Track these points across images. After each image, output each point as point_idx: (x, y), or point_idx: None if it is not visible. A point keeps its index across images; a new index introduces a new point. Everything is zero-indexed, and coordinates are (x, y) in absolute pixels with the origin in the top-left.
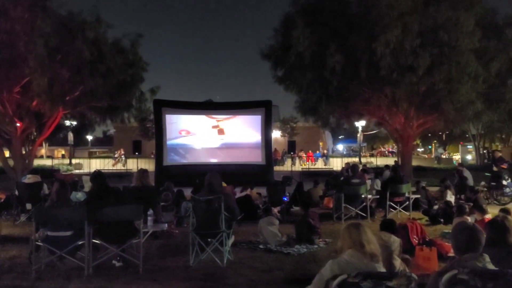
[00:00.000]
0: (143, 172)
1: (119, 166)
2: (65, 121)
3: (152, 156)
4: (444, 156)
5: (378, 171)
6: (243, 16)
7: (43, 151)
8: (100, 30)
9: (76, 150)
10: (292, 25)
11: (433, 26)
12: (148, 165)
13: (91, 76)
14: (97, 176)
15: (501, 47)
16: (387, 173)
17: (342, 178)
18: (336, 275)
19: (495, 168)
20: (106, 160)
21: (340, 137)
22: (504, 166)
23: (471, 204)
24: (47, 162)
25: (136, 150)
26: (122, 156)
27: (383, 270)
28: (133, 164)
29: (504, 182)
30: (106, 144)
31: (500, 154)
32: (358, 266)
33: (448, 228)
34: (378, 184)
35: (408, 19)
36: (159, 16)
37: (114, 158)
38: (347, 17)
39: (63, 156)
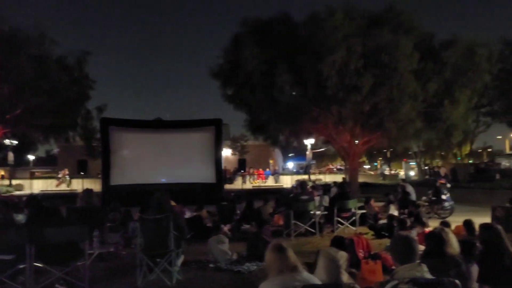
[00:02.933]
0: (88, 192)
1: (63, 187)
2: (5, 140)
3: (99, 176)
4: (387, 173)
5: (326, 188)
6: (194, 34)
7: None
8: (44, 46)
9: (17, 170)
10: (241, 45)
11: (375, 48)
12: (94, 185)
13: (34, 94)
14: (31, 199)
15: (438, 69)
16: (334, 190)
17: (291, 195)
18: None
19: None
20: (49, 181)
21: (290, 155)
22: (443, 181)
23: (413, 218)
24: None
25: (81, 170)
26: (67, 176)
27: (303, 278)
28: (78, 185)
29: (444, 197)
30: (49, 164)
31: (444, 170)
32: (284, 283)
33: None
34: (326, 200)
35: (352, 41)
36: (107, 33)
37: (58, 179)
38: (295, 38)
39: (2, 177)
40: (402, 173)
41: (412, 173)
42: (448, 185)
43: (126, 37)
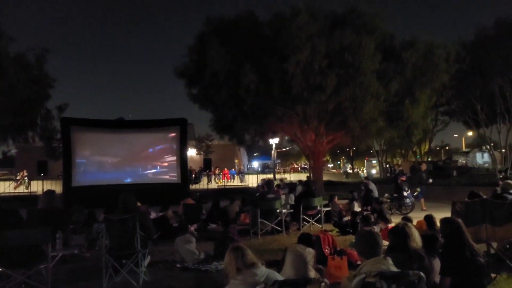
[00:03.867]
0: (50, 193)
1: (22, 189)
2: None
3: (60, 177)
4: (350, 171)
5: (291, 186)
6: (157, 32)
7: None
8: (1, 43)
9: None
10: (207, 44)
11: (339, 48)
12: (55, 186)
13: None
14: None
15: (399, 69)
16: (300, 188)
17: (257, 194)
18: None
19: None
20: (7, 183)
21: (255, 154)
22: (404, 178)
23: (376, 214)
24: None
25: (41, 171)
26: (25, 178)
27: (262, 272)
28: (38, 186)
29: (405, 193)
30: (6, 165)
31: (400, 168)
32: (245, 279)
33: None
34: (292, 198)
35: (316, 41)
36: (68, 30)
37: (16, 181)
38: (260, 38)
39: None
40: (364, 171)
41: (373, 171)
42: (430, 180)
43: (88, 35)
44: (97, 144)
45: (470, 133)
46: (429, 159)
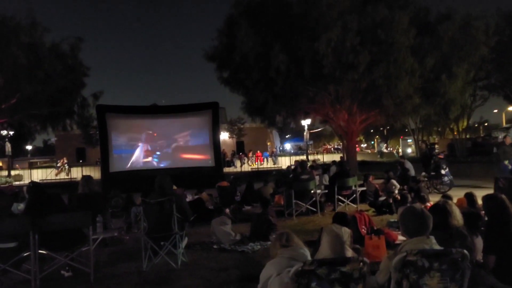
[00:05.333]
0: (88, 178)
1: (63, 176)
2: (2, 131)
3: (98, 163)
4: (385, 150)
5: (325, 167)
6: (188, 17)
7: None
8: (37, 34)
9: (15, 161)
10: (236, 27)
11: (371, 24)
12: (93, 172)
13: (28, 83)
14: (33, 187)
15: (435, 44)
16: (334, 169)
17: (291, 175)
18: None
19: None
20: (49, 170)
21: (287, 136)
22: (442, 156)
23: (413, 193)
24: None
25: (80, 158)
26: (65, 165)
27: (309, 255)
28: (77, 173)
29: (443, 171)
30: (47, 153)
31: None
32: (291, 255)
33: (393, 218)
34: (326, 179)
35: (347, 18)
36: (101, 20)
37: (57, 168)
38: (289, 17)
39: (1, 168)
40: (400, 150)
41: (409, 150)
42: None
43: (120, 23)
44: (132, 130)
45: (511, 108)
46: (467, 136)
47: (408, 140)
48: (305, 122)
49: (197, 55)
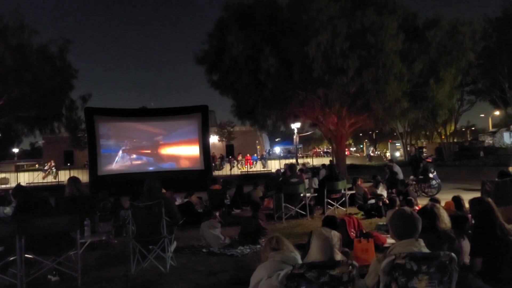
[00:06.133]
0: (74, 179)
1: (50, 179)
2: None
3: (86, 166)
4: (373, 154)
5: (315, 171)
6: (177, 20)
7: None
8: (24, 36)
9: (1, 164)
10: (226, 30)
11: (360, 29)
12: (82, 175)
13: (16, 85)
14: (19, 190)
15: (423, 49)
16: (323, 172)
17: (281, 179)
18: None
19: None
20: (36, 173)
21: (276, 140)
22: (430, 160)
23: (402, 197)
24: None
25: (68, 161)
26: (53, 168)
27: (299, 258)
28: (65, 176)
29: (431, 175)
30: (34, 156)
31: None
32: (282, 258)
33: (382, 221)
34: (315, 182)
35: (337, 22)
36: (90, 22)
37: (44, 171)
38: (279, 21)
39: None
40: (388, 154)
41: (397, 154)
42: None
43: (108, 25)
44: (120, 133)
45: (497, 113)
46: (454, 140)
47: (397, 144)
48: (295, 126)
49: (187, 58)
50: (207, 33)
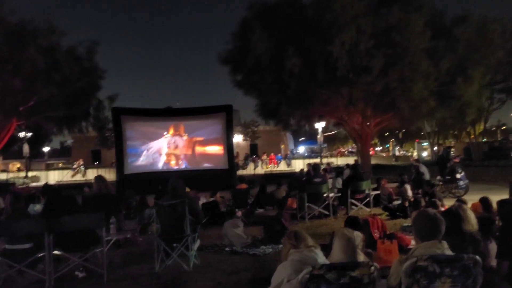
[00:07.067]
0: (101, 178)
1: (79, 177)
2: (20, 133)
3: (113, 165)
4: (398, 154)
5: (339, 170)
6: (202, 20)
7: None
8: (54, 37)
9: (33, 162)
10: (250, 30)
11: (385, 27)
12: (109, 174)
13: (45, 85)
14: (47, 188)
15: (450, 46)
16: (347, 172)
17: (304, 178)
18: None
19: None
20: (65, 172)
21: (301, 139)
22: (457, 160)
23: (427, 198)
24: (2, 176)
25: (95, 159)
26: (81, 167)
27: (321, 256)
28: (93, 174)
29: (458, 176)
30: (64, 155)
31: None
32: (301, 258)
33: (407, 222)
34: (339, 182)
35: (361, 21)
36: (116, 23)
37: (73, 169)
38: (303, 20)
39: (18, 170)
40: (414, 154)
41: (425, 153)
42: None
43: (134, 27)
44: (147, 132)
45: None
46: (484, 140)
47: (424, 144)
48: (319, 125)
49: (213, 59)
50: (231, 33)
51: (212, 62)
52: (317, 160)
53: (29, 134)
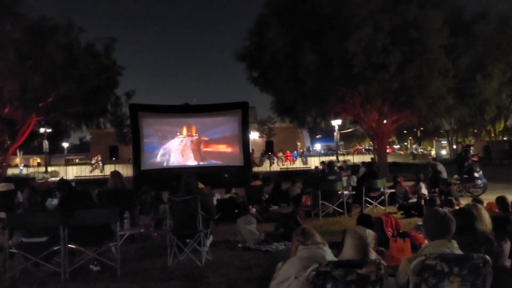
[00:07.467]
0: (116, 174)
1: (97, 172)
2: (40, 129)
3: (130, 161)
4: (416, 152)
5: (355, 168)
6: (219, 17)
7: (17, 160)
8: (72, 34)
9: (52, 157)
10: (266, 26)
11: (403, 24)
12: (126, 170)
13: (64, 82)
14: (63, 183)
15: (469, 43)
16: (363, 170)
17: (319, 176)
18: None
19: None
20: (83, 167)
21: (318, 137)
22: (475, 158)
23: (444, 196)
24: (23, 171)
25: (113, 155)
26: (99, 162)
27: (330, 254)
28: (110, 170)
29: (476, 174)
30: (83, 150)
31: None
32: (309, 255)
33: (422, 221)
34: (354, 180)
35: (378, 17)
36: (133, 20)
37: (91, 165)
38: (319, 17)
39: (39, 165)
40: (432, 152)
41: (443, 152)
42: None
43: (151, 24)
44: (163, 128)
45: None
46: (504, 138)
47: (443, 142)
48: (335, 123)
49: (229, 55)
50: (248, 30)
51: (229, 59)
52: (333, 158)
53: (49, 130)
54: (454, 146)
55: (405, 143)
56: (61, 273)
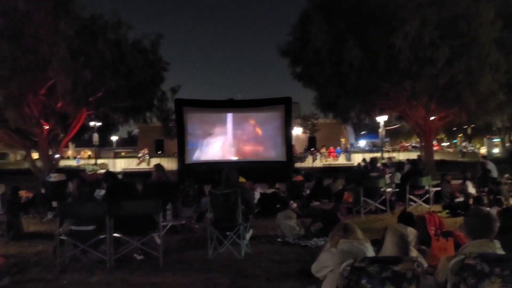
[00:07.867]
0: (160, 167)
1: (144, 166)
2: (90, 122)
3: (175, 154)
4: (465, 150)
5: (399, 165)
6: (264, 12)
7: (69, 152)
8: (121, 31)
9: (102, 150)
10: (310, 21)
11: (452, 17)
12: (171, 163)
13: (112, 77)
14: (108, 176)
15: None
16: (407, 167)
17: (361, 172)
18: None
19: None
20: (131, 160)
21: (362, 133)
22: None
23: (493, 196)
24: (73, 163)
25: (158, 149)
26: (146, 156)
27: (371, 250)
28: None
29: None
30: (130, 144)
31: None
32: (351, 249)
33: None
34: (398, 177)
35: (426, 10)
36: (179, 15)
37: (139, 158)
38: (364, 11)
39: (89, 157)
40: (483, 150)
41: (495, 150)
42: None
43: (198, 18)
44: (208, 123)
45: None
46: None
47: (494, 140)
48: (380, 119)
49: (273, 50)
50: (292, 25)
51: (274, 54)
52: (377, 155)
53: (98, 124)
54: (508, 144)
55: (455, 141)
56: (106, 261)
